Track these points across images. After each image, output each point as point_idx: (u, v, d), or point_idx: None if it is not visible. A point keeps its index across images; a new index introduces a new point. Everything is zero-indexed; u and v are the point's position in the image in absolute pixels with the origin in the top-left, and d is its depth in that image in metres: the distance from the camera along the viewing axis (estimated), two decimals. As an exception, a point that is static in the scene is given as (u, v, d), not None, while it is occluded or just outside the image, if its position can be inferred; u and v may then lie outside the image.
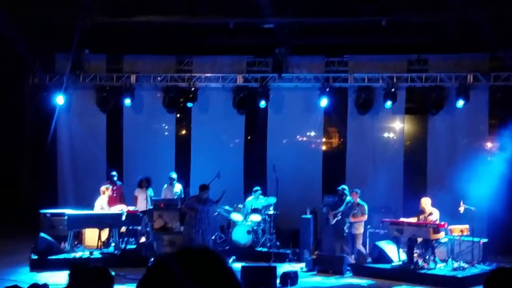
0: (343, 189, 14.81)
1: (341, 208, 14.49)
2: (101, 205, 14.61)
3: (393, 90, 16.11)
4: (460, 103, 15.74)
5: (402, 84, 16.37)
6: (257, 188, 15.56)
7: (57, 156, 17.69)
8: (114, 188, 15.52)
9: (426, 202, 13.80)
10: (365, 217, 14.27)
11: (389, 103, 16.19)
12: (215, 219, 15.52)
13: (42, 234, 14.01)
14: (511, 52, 15.13)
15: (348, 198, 14.57)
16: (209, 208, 14.00)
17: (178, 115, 18.24)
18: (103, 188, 14.89)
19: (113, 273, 5.17)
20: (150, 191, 15.51)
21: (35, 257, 13.64)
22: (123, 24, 15.83)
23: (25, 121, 17.75)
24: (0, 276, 12.44)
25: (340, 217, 14.55)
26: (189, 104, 17.22)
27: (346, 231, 14.18)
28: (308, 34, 16.04)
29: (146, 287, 1.74)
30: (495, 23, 14.30)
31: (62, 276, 11.38)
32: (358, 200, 14.33)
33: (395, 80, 16.25)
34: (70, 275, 4.53)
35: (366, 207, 14.26)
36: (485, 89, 15.98)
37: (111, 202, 15.02)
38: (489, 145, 16.87)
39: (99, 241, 14.62)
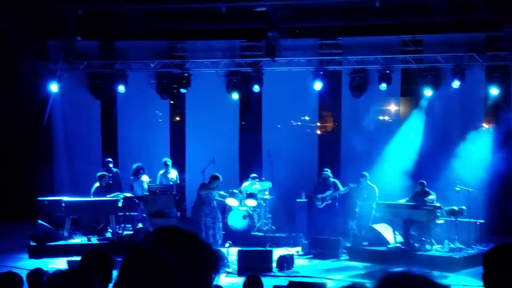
0: (326, 172, 15.01)
1: (329, 192, 14.72)
2: None
3: (387, 72, 16.00)
4: (456, 83, 15.59)
5: (397, 65, 16.25)
6: (255, 175, 15.57)
7: (52, 144, 17.64)
8: (110, 175, 15.53)
9: (422, 185, 13.85)
10: (375, 199, 14.38)
11: (384, 85, 16.07)
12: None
13: (40, 221, 14.05)
14: (508, 30, 14.96)
15: (332, 180, 14.88)
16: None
17: (171, 101, 18.16)
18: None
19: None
20: (146, 178, 15.56)
21: (34, 244, 13.74)
22: (114, 10, 15.69)
23: (19, 109, 17.61)
24: (-1, 263, 12.50)
25: (330, 201, 14.81)
26: (183, 90, 17.13)
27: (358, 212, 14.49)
28: (301, 16, 15.90)
29: (126, 271, 1.75)
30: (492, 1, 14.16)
31: (61, 263, 11.41)
32: (368, 182, 14.37)
33: (389, 62, 16.13)
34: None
35: (376, 189, 14.32)
36: (481, 69, 15.86)
37: (108, 189, 15.04)
38: (485, 125, 16.81)
39: (96, 227, 14.65)
